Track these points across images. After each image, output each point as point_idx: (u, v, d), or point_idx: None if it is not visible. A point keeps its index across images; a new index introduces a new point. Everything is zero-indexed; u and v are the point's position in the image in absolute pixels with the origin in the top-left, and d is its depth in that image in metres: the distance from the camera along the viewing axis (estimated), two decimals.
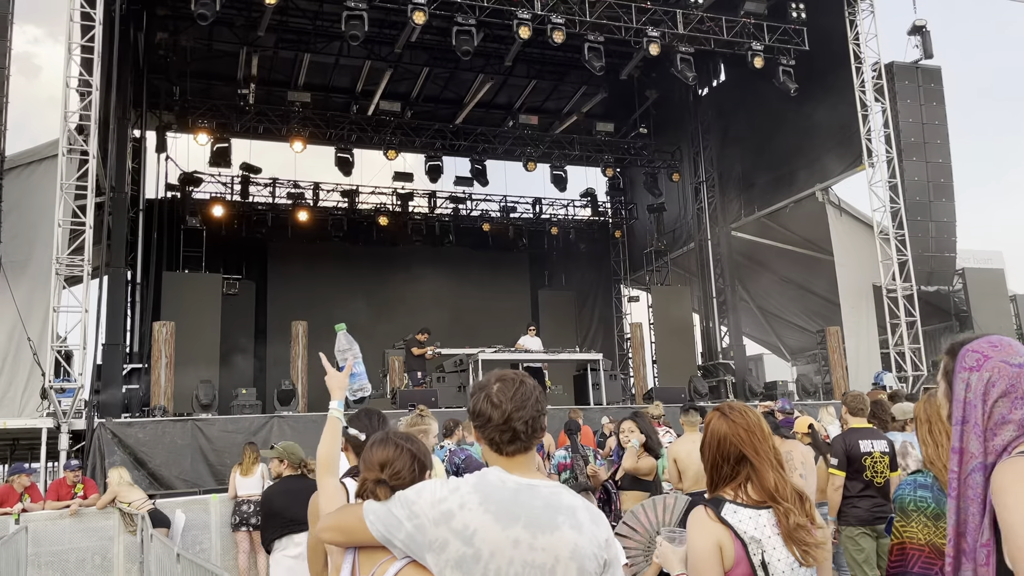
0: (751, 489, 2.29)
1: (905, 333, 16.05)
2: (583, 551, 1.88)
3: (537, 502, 1.91)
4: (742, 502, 2.27)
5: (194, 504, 9.16)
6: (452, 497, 1.90)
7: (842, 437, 5.54)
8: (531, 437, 1.97)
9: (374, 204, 22.95)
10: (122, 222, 15.10)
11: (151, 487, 10.66)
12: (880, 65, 16.58)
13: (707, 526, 2.24)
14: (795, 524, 2.21)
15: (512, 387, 1.99)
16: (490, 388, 2.00)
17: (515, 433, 1.95)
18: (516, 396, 1.97)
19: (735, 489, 2.31)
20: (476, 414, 2.00)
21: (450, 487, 1.94)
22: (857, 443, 5.30)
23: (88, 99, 12.02)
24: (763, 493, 2.27)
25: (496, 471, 1.97)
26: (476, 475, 1.97)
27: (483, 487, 1.92)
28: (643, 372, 18.24)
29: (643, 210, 23.83)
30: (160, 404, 12.71)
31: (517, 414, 1.95)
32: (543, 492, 1.94)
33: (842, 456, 5.33)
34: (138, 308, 17.54)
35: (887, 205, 16.24)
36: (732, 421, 2.37)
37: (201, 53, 18.61)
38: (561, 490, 1.97)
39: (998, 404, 1.64)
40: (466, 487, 1.92)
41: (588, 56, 15.31)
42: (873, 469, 5.25)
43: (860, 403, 5.58)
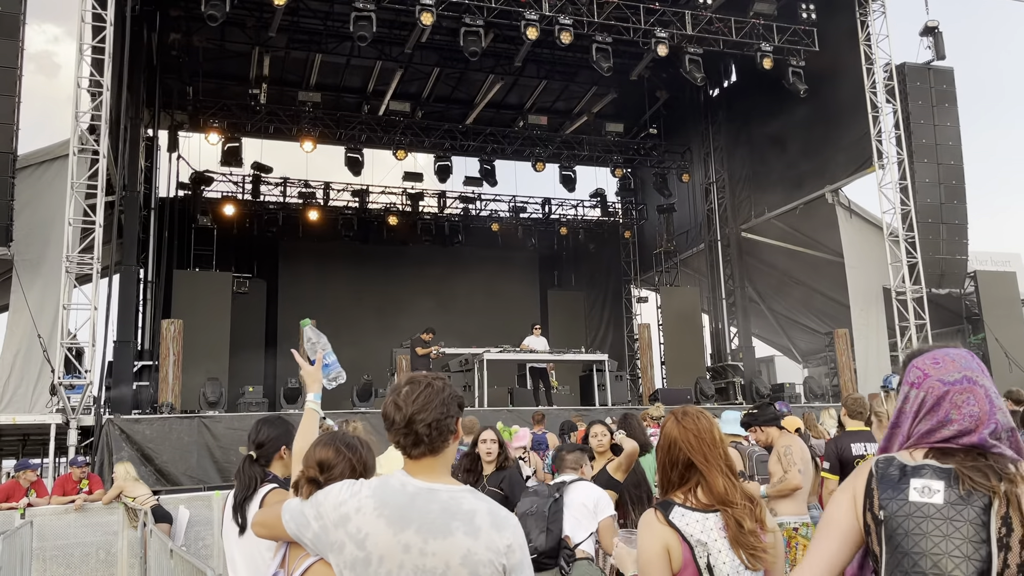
0: (700, 493, 2.31)
1: (915, 336, 15.94)
2: (476, 557, 1.85)
3: (433, 506, 1.90)
4: (691, 505, 2.29)
5: (197, 500, 9.26)
6: (351, 501, 1.92)
7: (835, 440, 5.53)
8: (436, 440, 1.95)
9: (384, 204, 23.06)
10: (134, 220, 15.26)
11: (157, 483, 10.78)
12: (891, 66, 16.47)
13: (655, 528, 2.26)
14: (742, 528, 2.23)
15: (417, 390, 1.98)
16: (399, 391, 2.01)
17: (417, 436, 1.94)
18: (419, 398, 1.96)
19: (685, 493, 2.33)
20: (383, 416, 2.02)
21: (353, 490, 1.94)
22: (849, 446, 5.28)
23: (99, 99, 12.16)
24: (712, 497, 2.29)
25: (399, 475, 1.97)
26: (380, 479, 1.98)
27: (382, 491, 1.93)
28: (651, 373, 18.19)
29: (653, 211, 23.80)
30: (168, 401, 12.82)
31: (419, 416, 1.94)
32: (441, 496, 1.92)
33: (834, 460, 5.31)
34: (150, 306, 17.69)
35: (897, 207, 16.14)
36: (683, 427, 2.40)
37: (213, 53, 18.76)
38: (463, 494, 1.95)
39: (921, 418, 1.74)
40: (366, 491, 1.93)
41: (596, 57, 15.32)
42: None
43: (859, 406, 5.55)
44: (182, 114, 19.25)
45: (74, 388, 11.31)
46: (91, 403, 11.49)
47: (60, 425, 11.06)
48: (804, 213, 18.38)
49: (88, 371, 11.62)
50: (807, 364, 23.75)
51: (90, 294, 11.89)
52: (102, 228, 11.99)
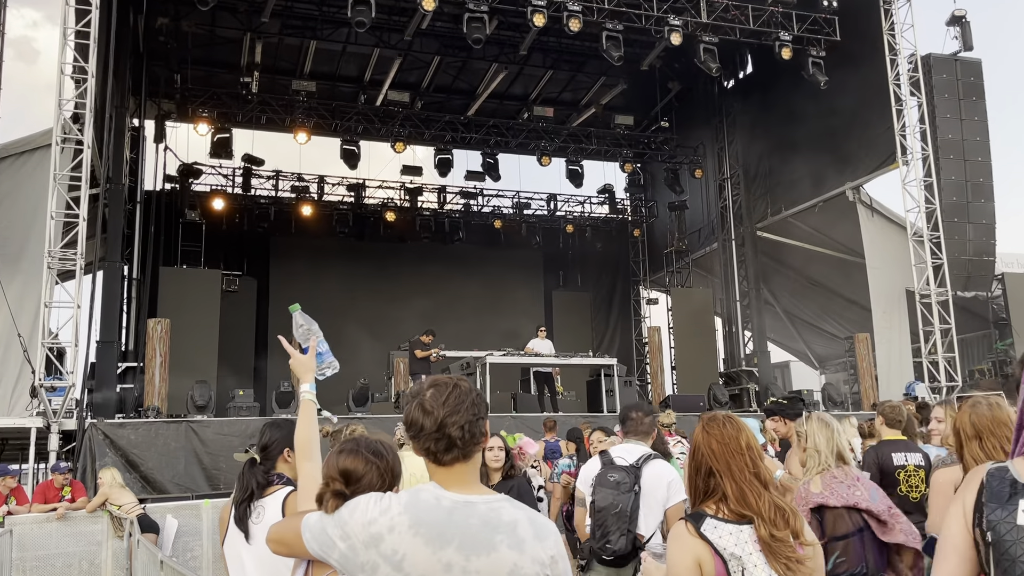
0: (731, 503, 2.30)
1: (939, 341, 15.92)
2: (523, 571, 1.85)
3: (473, 520, 1.88)
4: (723, 517, 2.29)
5: (185, 509, 9.24)
6: (382, 519, 1.88)
7: (874, 449, 5.47)
8: (469, 444, 1.94)
9: (381, 199, 23.05)
10: (118, 215, 15.26)
11: (143, 491, 10.76)
12: (916, 57, 16.46)
13: (686, 541, 2.25)
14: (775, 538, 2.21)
15: (445, 391, 1.96)
16: (423, 396, 1.98)
17: (450, 440, 1.92)
18: (449, 400, 1.94)
19: (716, 503, 2.32)
20: (409, 424, 1.97)
21: (382, 507, 1.91)
22: (890, 455, 5.23)
23: (84, 86, 12.15)
24: (740, 507, 2.29)
25: (431, 488, 1.94)
26: (409, 492, 1.95)
27: (415, 507, 1.90)
28: (661, 378, 18.24)
29: (663, 208, 23.78)
30: (154, 405, 12.82)
31: (451, 419, 1.92)
32: (480, 509, 1.90)
33: (874, 469, 5.25)
34: (134, 304, 17.70)
35: (922, 205, 16.12)
36: (706, 433, 2.40)
37: (203, 39, 18.75)
38: (502, 504, 1.94)
39: None
40: (397, 507, 1.90)
41: (606, 46, 15.30)
42: (907, 483, 5.20)
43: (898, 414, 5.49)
44: (169, 103, 19.25)
45: (55, 390, 11.29)
46: (73, 406, 11.46)
47: (41, 429, 11.04)
48: (823, 211, 18.36)
49: (71, 372, 11.59)
50: (824, 370, 23.77)
51: (73, 291, 11.89)
52: (86, 222, 11.98)
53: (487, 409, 2.02)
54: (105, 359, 14.09)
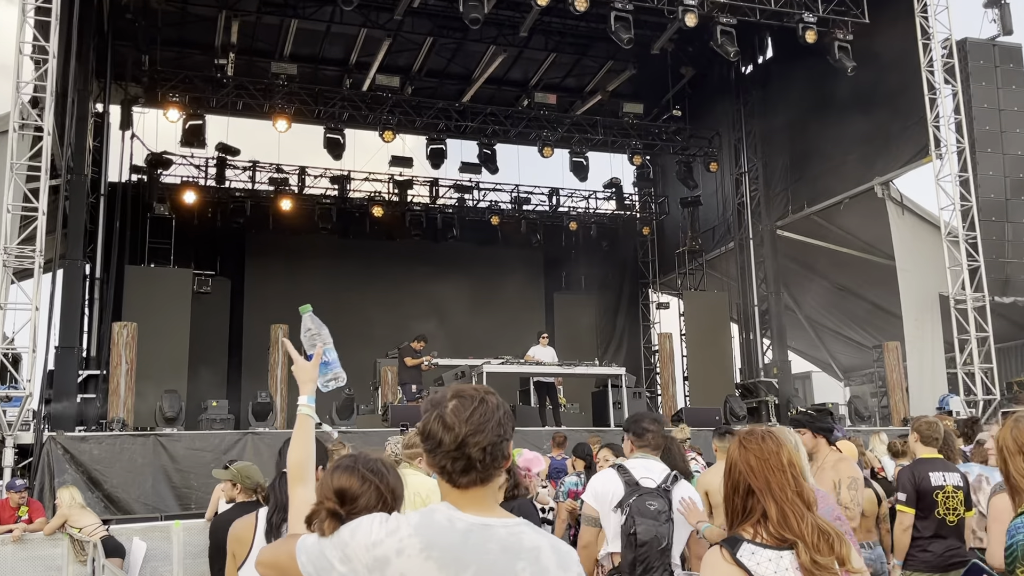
0: (771, 526, 2.29)
1: (976, 350, 15.91)
2: None
3: (492, 545, 1.85)
4: (762, 542, 2.27)
5: (154, 531, 9.19)
6: (389, 540, 1.85)
7: (910, 469, 5.46)
8: (489, 467, 1.90)
9: (368, 192, 23.02)
10: (80, 208, 15.22)
11: (106, 511, 10.71)
12: (951, 42, 16.46)
13: (721, 569, 2.24)
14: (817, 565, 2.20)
15: (470, 406, 1.92)
16: (444, 406, 1.94)
17: (470, 461, 1.88)
18: (473, 417, 1.90)
19: (754, 526, 2.31)
20: (426, 436, 1.94)
21: (389, 527, 1.88)
22: (928, 476, 5.23)
23: (44, 68, 12.10)
24: (775, 528, 2.28)
25: (445, 508, 1.91)
26: (420, 513, 1.92)
27: (427, 529, 1.86)
28: (672, 390, 18.21)
29: (675, 204, 23.78)
30: (119, 417, 12.76)
31: (473, 439, 1.88)
32: (499, 533, 1.88)
33: (911, 490, 5.24)
34: (97, 307, 17.65)
35: (957, 203, 16.12)
36: (744, 448, 2.39)
37: (174, 17, 18.68)
38: (522, 529, 1.92)
39: None
40: (406, 528, 1.87)
41: (615, 27, 15.28)
42: (945, 506, 5.19)
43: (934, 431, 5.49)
44: (137, 87, 19.18)
45: (10, 400, 11.23)
46: (30, 418, 11.40)
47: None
48: (849, 209, 18.37)
49: (27, 381, 11.54)
50: (849, 382, 23.79)
51: (30, 292, 11.83)
52: (45, 216, 11.92)
53: (514, 428, 1.99)
54: (65, 366, 14.01)
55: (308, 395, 2.59)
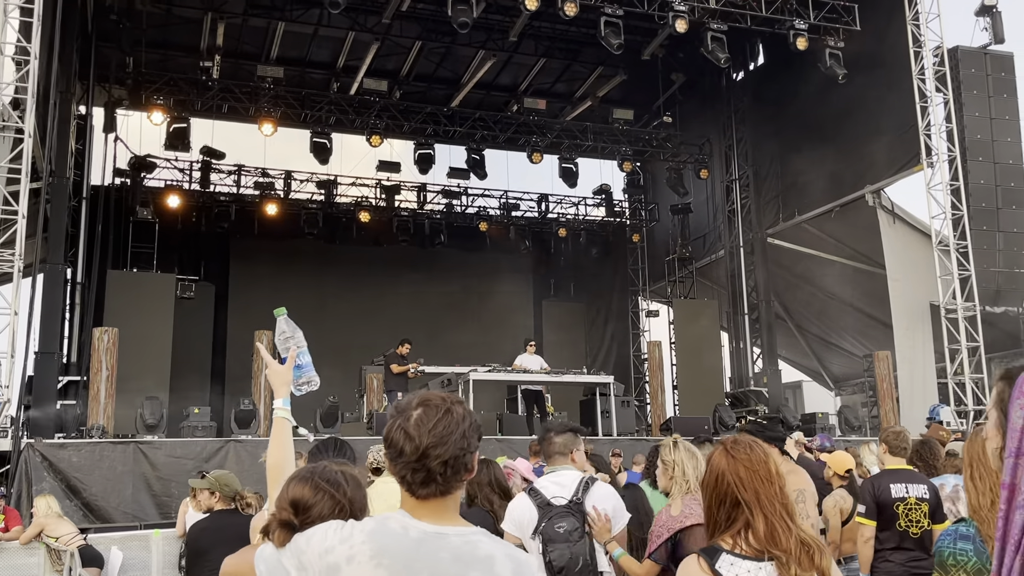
0: (752, 537, 2.29)
1: (967, 360, 15.99)
2: None
3: (444, 554, 1.84)
4: (741, 552, 2.27)
5: (133, 540, 9.14)
6: (341, 547, 1.85)
7: (871, 480, 5.51)
8: (450, 480, 1.89)
9: (354, 197, 22.99)
10: (62, 212, 15.14)
11: (84, 519, 10.64)
12: (943, 50, 16.59)
13: None
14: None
15: (435, 416, 1.90)
16: (408, 415, 1.92)
17: (430, 474, 1.87)
18: (437, 428, 1.89)
19: (734, 537, 2.30)
20: (388, 443, 1.93)
21: (342, 534, 1.88)
22: (888, 487, 5.26)
23: (25, 69, 12.06)
24: (761, 543, 2.27)
25: (400, 516, 1.90)
26: (375, 520, 1.92)
27: (379, 536, 1.86)
28: (662, 399, 18.22)
29: (665, 211, 23.84)
30: (98, 423, 12.68)
31: (435, 451, 1.87)
32: (453, 542, 1.87)
33: (870, 502, 5.29)
34: (78, 312, 17.57)
35: (948, 212, 16.22)
36: (733, 458, 2.38)
37: (159, 19, 18.66)
38: (479, 538, 1.91)
39: None
40: (359, 535, 1.87)
41: (605, 32, 15.34)
42: (907, 518, 5.21)
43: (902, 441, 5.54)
44: (120, 89, 19.12)
45: None
46: (8, 424, 11.33)
47: None
48: (840, 217, 18.46)
49: (6, 387, 11.49)
50: (840, 391, 23.84)
51: (10, 296, 11.76)
52: (25, 219, 11.88)
53: (480, 439, 1.97)
54: (44, 372, 13.95)
55: (283, 398, 2.63)
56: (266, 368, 2.72)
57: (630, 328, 25.41)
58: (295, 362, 2.73)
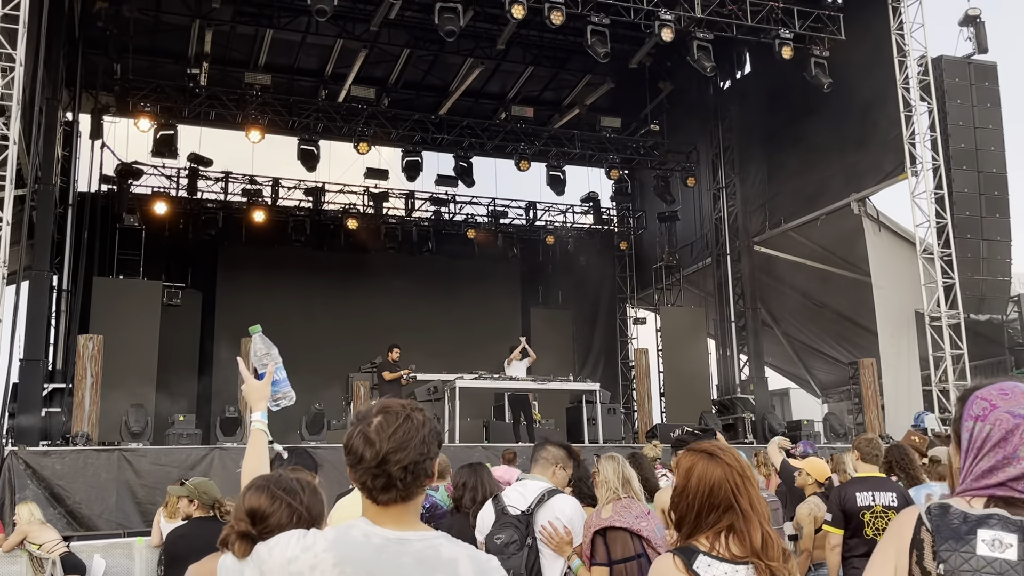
0: (733, 542, 2.29)
1: (951, 368, 16.08)
2: None
3: (406, 559, 1.86)
4: (718, 555, 2.27)
5: (116, 548, 9.10)
6: (304, 556, 1.86)
7: (838, 489, 5.56)
8: (410, 485, 1.91)
9: (342, 205, 23.00)
10: (47, 218, 15.08)
11: (68, 527, 10.59)
12: (927, 59, 16.70)
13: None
14: None
15: (395, 423, 1.92)
16: (369, 421, 1.94)
17: (390, 479, 1.89)
18: (397, 434, 1.90)
19: (712, 539, 2.31)
20: (348, 450, 1.95)
21: (305, 543, 1.89)
22: (854, 495, 5.30)
23: (11, 75, 12.02)
24: (747, 548, 2.28)
25: (362, 523, 1.91)
26: (338, 528, 1.93)
27: (342, 544, 1.87)
28: (649, 406, 18.23)
29: (653, 219, 23.90)
30: (83, 431, 12.63)
31: (395, 456, 1.88)
32: (415, 547, 1.88)
33: (836, 510, 5.33)
34: (63, 319, 17.49)
35: (932, 220, 16.32)
36: (727, 465, 2.39)
37: (146, 26, 18.66)
38: (440, 542, 1.92)
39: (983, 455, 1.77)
40: (322, 544, 1.87)
41: (591, 41, 15.41)
42: (874, 526, 5.24)
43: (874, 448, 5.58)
44: (107, 96, 19.07)
45: None
46: None
47: None
48: (826, 225, 18.54)
49: None
50: (826, 398, 23.92)
51: None
52: (10, 226, 11.83)
53: (440, 446, 2.00)
54: (29, 379, 13.88)
55: (261, 411, 2.72)
56: (242, 383, 2.79)
57: (617, 335, 25.46)
58: (272, 377, 2.82)
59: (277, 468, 3.09)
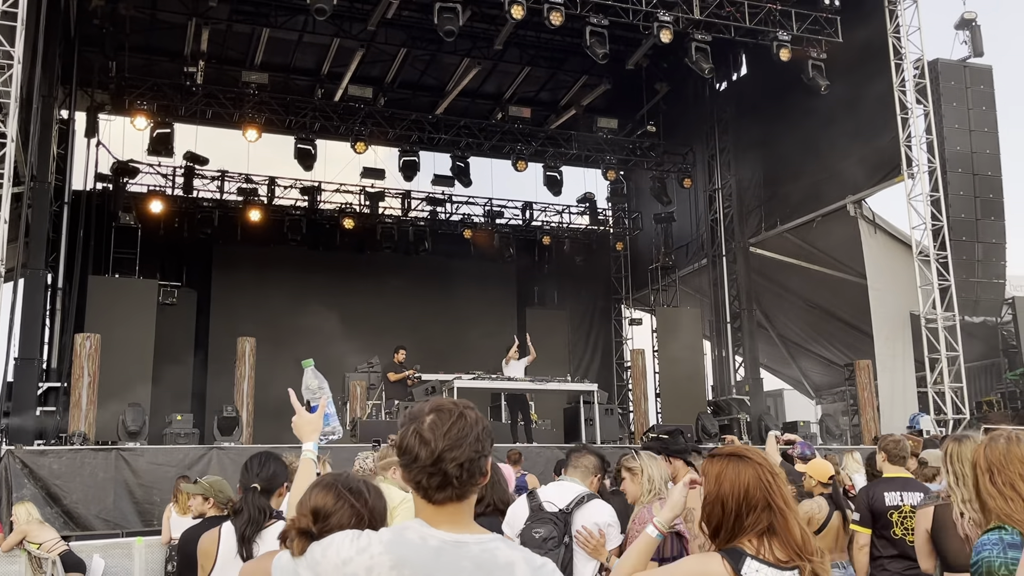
0: (775, 544, 2.28)
1: (946, 370, 16.15)
2: None
3: (465, 563, 1.84)
4: (764, 559, 2.25)
5: (115, 548, 9.08)
6: (359, 558, 1.84)
7: (866, 488, 5.56)
8: (466, 483, 1.91)
9: (338, 204, 22.95)
10: (43, 216, 15.05)
11: (65, 527, 10.55)
12: (923, 62, 16.78)
13: None
14: None
15: (448, 420, 1.92)
16: (422, 421, 1.93)
17: (446, 477, 1.88)
18: (452, 432, 1.90)
19: (756, 541, 2.28)
20: (403, 450, 1.94)
21: (359, 545, 1.87)
22: (882, 495, 5.31)
23: (8, 73, 11.99)
24: (789, 550, 2.27)
25: (417, 525, 1.91)
26: (392, 530, 1.92)
27: (398, 546, 1.86)
28: (644, 406, 18.28)
29: (649, 220, 23.93)
30: (80, 430, 12.60)
31: (450, 454, 1.88)
32: (473, 550, 1.87)
33: (865, 510, 5.33)
34: (59, 317, 17.42)
35: (928, 222, 16.39)
36: (758, 464, 2.37)
37: (143, 24, 18.62)
38: (497, 545, 1.91)
39: None
40: (377, 546, 1.86)
41: (590, 41, 15.43)
42: (903, 526, 5.26)
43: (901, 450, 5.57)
44: (103, 94, 19.02)
45: None
46: None
47: None
48: (822, 227, 18.60)
49: None
50: (821, 400, 24.02)
51: None
52: (6, 224, 11.79)
53: (492, 444, 1.99)
54: (25, 378, 13.84)
55: (313, 443, 2.84)
56: (294, 416, 2.89)
57: (613, 336, 25.49)
58: (324, 411, 2.96)
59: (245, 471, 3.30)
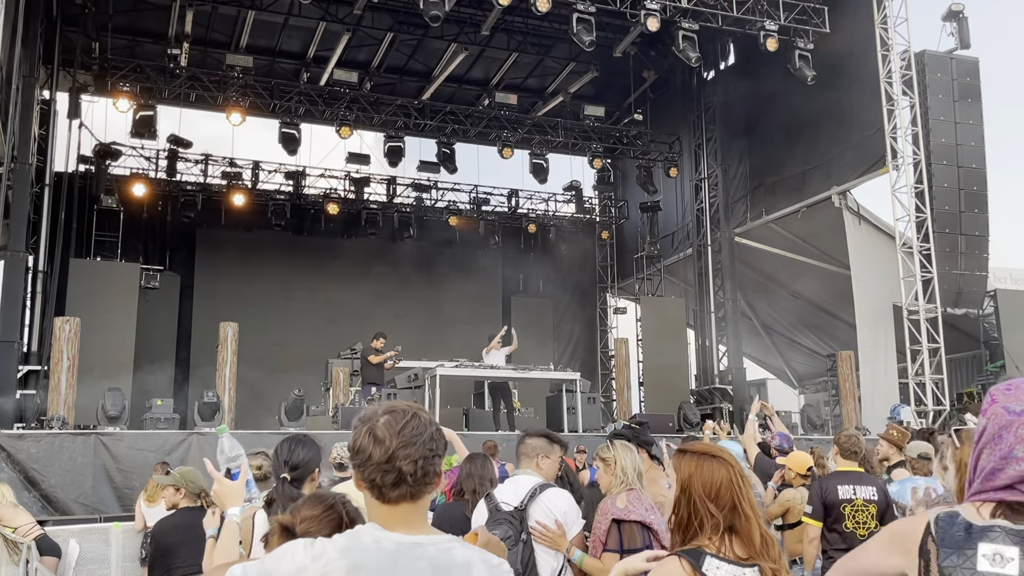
0: (736, 543, 2.28)
1: (927, 361, 16.24)
2: None
3: (421, 564, 1.83)
4: (725, 556, 2.25)
5: (92, 533, 9.01)
6: (314, 565, 1.81)
7: (819, 481, 5.61)
8: (420, 482, 1.90)
9: (323, 189, 22.88)
10: (24, 198, 14.94)
11: (43, 511, 10.51)
12: (910, 54, 16.79)
13: None
14: None
15: (402, 420, 1.92)
16: (375, 420, 1.93)
17: (400, 475, 1.87)
18: (405, 431, 1.90)
19: (717, 541, 2.28)
20: (355, 450, 1.93)
21: (314, 552, 1.84)
22: (835, 488, 5.35)
23: None
24: (749, 549, 2.27)
25: (371, 529, 1.88)
26: (347, 535, 1.89)
27: (353, 551, 1.83)
28: (628, 395, 18.32)
29: (635, 208, 23.96)
30: (59, 414, 12.53)
31: (404, 451, 1.88)
32: (429, 551, 1.86)
33: (818, 503, 5.37)
34: (39, 300, 17.29)
35: (912, 214, 16.45)
36: (730, 465, 2.37)
37: (126, 4, 18.45)
38: (452, 545, 1.90)
39: (983, 453, 1.74)
40: (332, 551, 1.83)
41: (577, 29, 15.37)
42: (854, 519, 5.29)
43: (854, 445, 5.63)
44: (86, 75, 18.85)
45: None
46: None
47: None
48: (807, 217, 18.65)
49: None
50: (804, 390, 24.13)
51: None
52: None
53: (446, 447, 1.99)
54: (4, 361, 13.78)
55: (238, 508, 2.94)
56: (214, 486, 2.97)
57: (598, 324, 25.54)
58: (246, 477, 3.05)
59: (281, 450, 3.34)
